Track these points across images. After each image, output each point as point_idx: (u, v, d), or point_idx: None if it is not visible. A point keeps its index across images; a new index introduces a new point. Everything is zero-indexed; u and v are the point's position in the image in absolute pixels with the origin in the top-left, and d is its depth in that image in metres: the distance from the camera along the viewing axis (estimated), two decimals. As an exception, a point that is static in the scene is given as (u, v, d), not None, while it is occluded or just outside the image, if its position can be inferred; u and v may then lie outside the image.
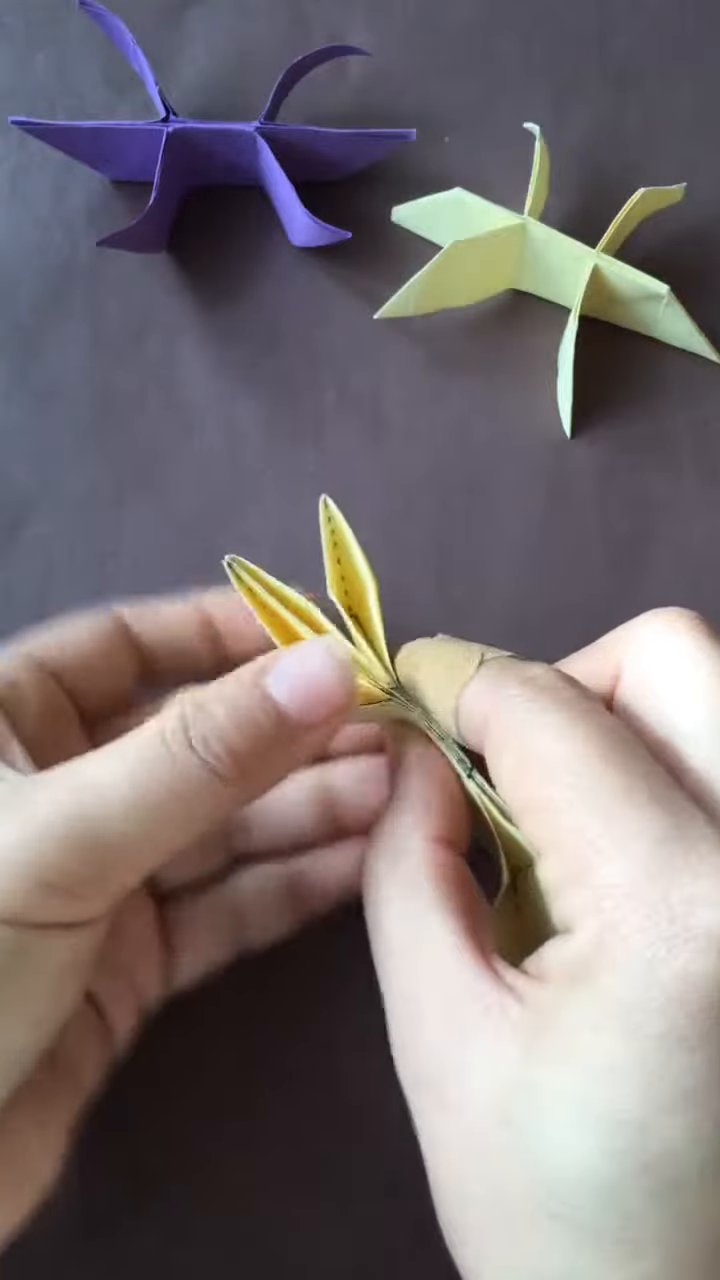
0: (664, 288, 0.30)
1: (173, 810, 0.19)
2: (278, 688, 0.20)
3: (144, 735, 0.19)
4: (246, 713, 0.20)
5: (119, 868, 0.19)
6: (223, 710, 0.20)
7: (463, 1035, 0.18)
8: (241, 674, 0.21)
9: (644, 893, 0.17)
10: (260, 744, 0.20)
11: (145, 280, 0.33)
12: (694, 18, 0.35)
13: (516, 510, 0.31)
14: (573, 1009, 0.17)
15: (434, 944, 0.19)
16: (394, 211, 0.33)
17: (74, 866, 0.18)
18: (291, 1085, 0.27)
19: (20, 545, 0.31)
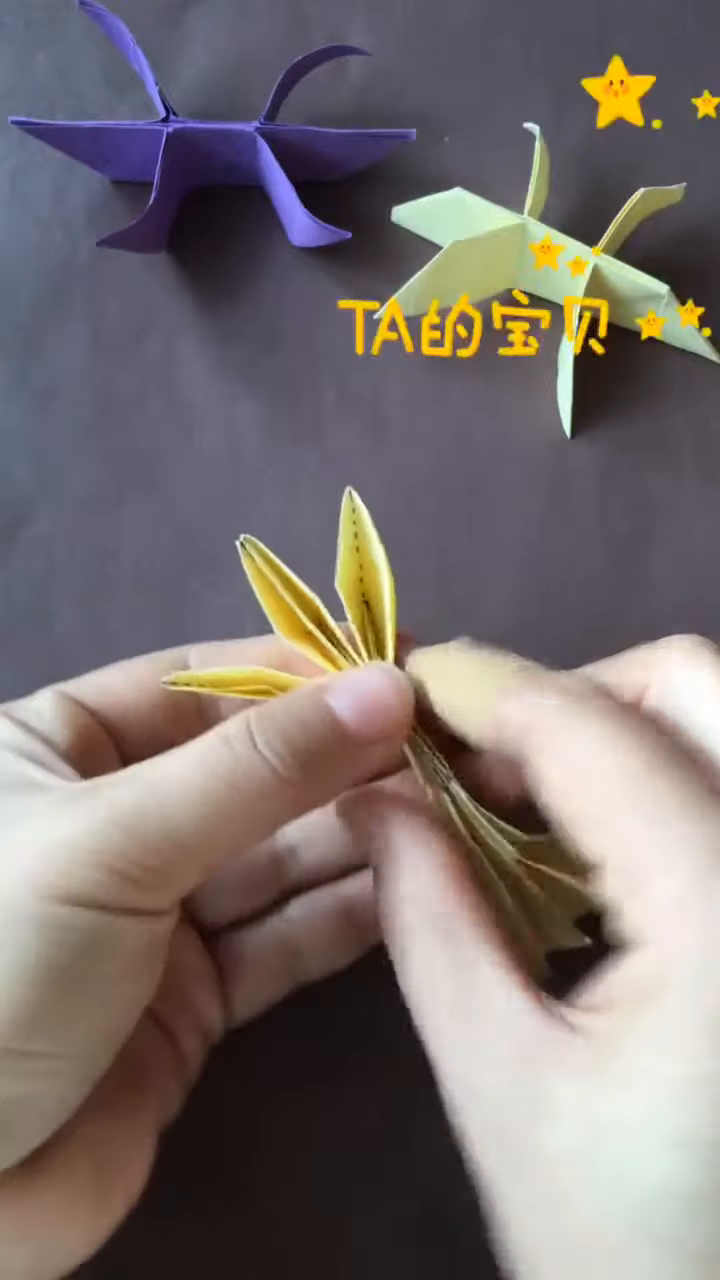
0: (664, 287, 0.30)
1: (234, 807, 0.20)
2: (338, 702, 0.21)
3: (207, 738, 0.20)
4: (308, 721, 0.21)
5: (183, 861, 0.19)
6: (285, 716, 0.21)
7: (534, 1085, 0.18)
8: (305, 691, 0.22)
9: (702, 906, 0.17)
10: (321, 750, 0.21)
11: (145, 280, 0.33)
12: (694, 18, 0.35)
13: (516, 510, 0.31)
14: (637, 1034, 0.17)
15: (491, 998, 0.19)
16: (394, 211, 0.33)
17: (140, 856, 0.19)
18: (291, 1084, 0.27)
19: (20, 545, 0.31)
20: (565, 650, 0.30)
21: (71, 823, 0.19)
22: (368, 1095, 0.27)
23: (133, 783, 0.20)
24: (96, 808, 0.19)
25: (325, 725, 0.21)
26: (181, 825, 0.19)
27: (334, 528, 0.31)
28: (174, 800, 0.19)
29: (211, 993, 0.24)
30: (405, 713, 0.22)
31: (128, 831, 0.19)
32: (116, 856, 0.19)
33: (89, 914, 0.18)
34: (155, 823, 0.19)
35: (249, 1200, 0.26)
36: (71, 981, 0.18)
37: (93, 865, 0.18)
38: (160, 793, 0.19)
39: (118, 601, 0.30)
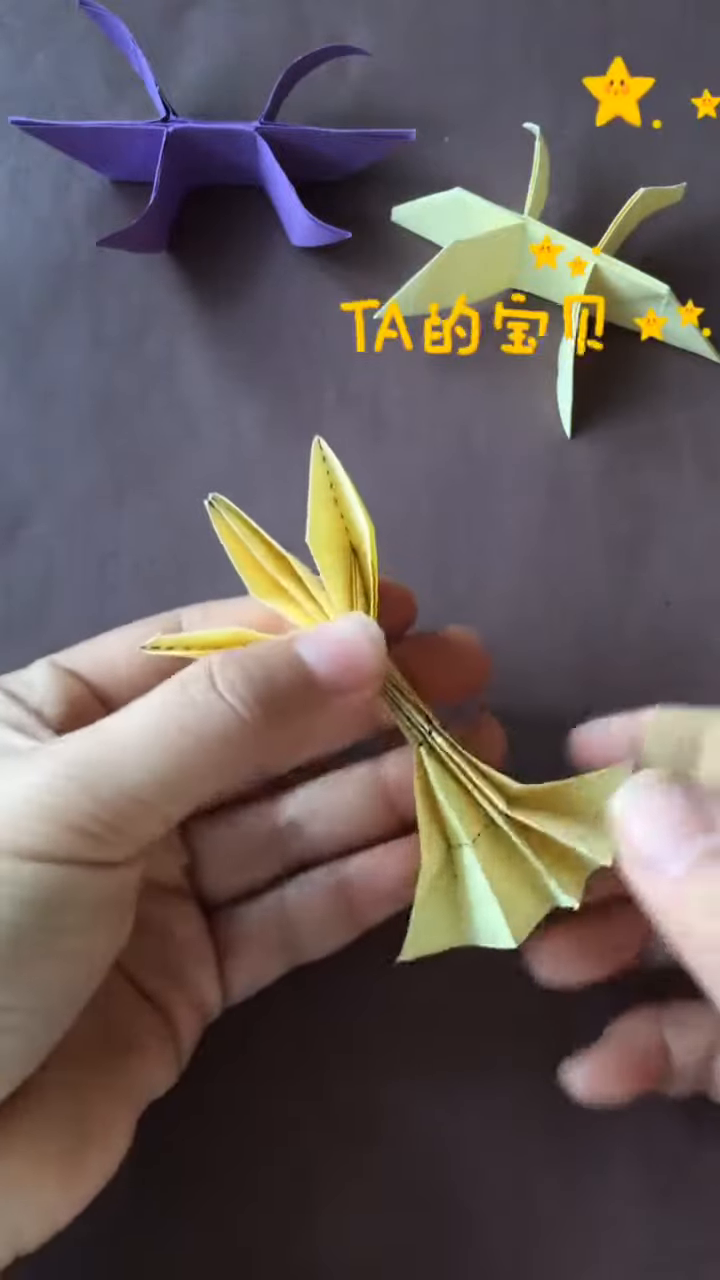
0: (664, 287, 0.30)
1: (193, 754, 0.19)
2: (307, 650, 0.21)
3: (165, 685, 0.20)
4: (275, 668, 0.20)
5: (139, 813, 0.19)
6: (250, 660, 0.20)
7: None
8: (275, 640, 0.22)
9: None
10: (286, 693, 0.20)
11: (145, 280, 0.33)
12: (694, 18, 0.35)
13: (516, 510, 0.31)
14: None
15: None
16: (394, 211, 0.33)
17: (94, 809, 0.19)
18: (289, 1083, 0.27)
19: (20, 545, 0.31)
20: (565, 650, 0.30)
21: (28, 778, 0.19)
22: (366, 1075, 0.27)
23: (90, 735, 0.19)
24: (52, 762, 0.19)
25: (292, 670, 0.21)
26: (134, 776, 0.19)
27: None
28: (128, 751, 0.19)
29: (208, 968, 0.24)
30: (376, 663, 0.21)
31: (80, 785, 0.19)
32: (70, 811, 0.18)
33: (46, 868, 0.18)
34: (107, 776, 0.19)
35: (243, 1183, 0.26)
36: (29, 936, 0.18)
37: (48, 820, 0.18)
38: (114, 743, 0.19)
39: (118, 601, 0.30)
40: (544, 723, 0.25)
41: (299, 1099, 0.27)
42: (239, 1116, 0.27)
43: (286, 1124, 0.27)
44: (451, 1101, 0.27)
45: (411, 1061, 0.27)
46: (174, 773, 0.19)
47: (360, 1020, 0.27)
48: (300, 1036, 0.27)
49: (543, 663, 0.30)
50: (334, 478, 0.23)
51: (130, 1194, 0.26)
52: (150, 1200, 0.26)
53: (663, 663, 0.30)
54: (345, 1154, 0.26)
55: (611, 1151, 0.26)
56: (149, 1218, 0.26)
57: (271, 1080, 0.27)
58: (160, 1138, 0.26)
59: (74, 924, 0.19)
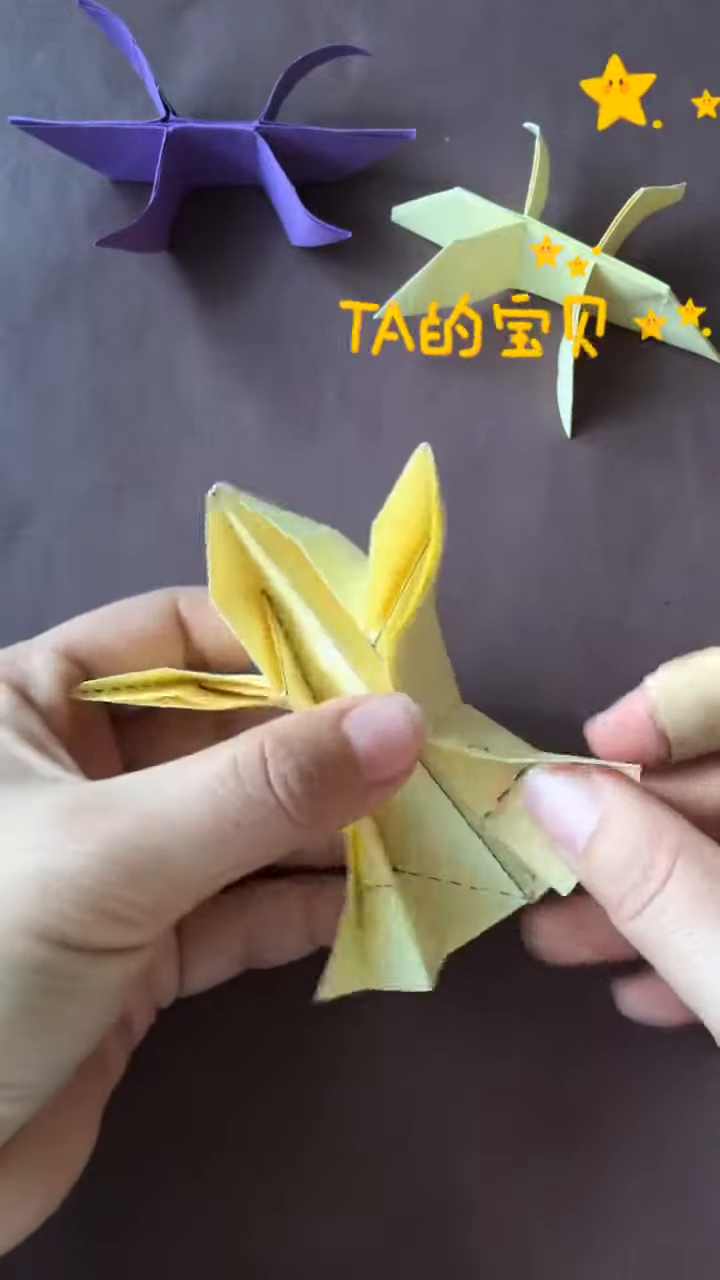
0: (664, 287, 0.30)
1: (238, 845, 0.19)
2: (358, 735, 0.20)
3: (217, 764, 0.19)
4: (328, 756, 0.20)
5: (177, 899, 0.19)
6: (304, 750, 0.19)
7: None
8: (322, 714, 0.20)
9: None
10: (338, 790, 0.20)
11: (145, 280, 0.33)
12: (694, 18, 0.35)
13: (516, 510, 0.31)
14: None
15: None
16: (394, 211, 0.33)
17: (135, 896, 0.18)
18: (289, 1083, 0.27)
19: (20, 545, 0.31)
20: (565, 650, 0.30)
21: (68, 855, 0.18)
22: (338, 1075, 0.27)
23: (133, 813, 0.18)
24: (94, 839, 0.18)
25: (346, 763, 0.20)
26: (183, 867, 0.18)
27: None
28: (179, 841, 0.18)
29: (170, 960, 0.24)
30: (415, 752, 0.21)
31: (124, 870, 0.18)
32: (111, 898, 0.18)
33: (76, 956, 0.18)
34: (155, 864, 0.18)
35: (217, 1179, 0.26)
36: (48, 1021, 0.18)
37: (86, 907, 0.18)
38: (165, 830, 0.18)
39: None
40: (544, 723, 0.25)
41: (297, 1097, 0.27)
42: (238, 1116, 0.27)
43: (285, 1124, 0.27)
44: (452, 1103, 0.27)
45: (411, 1059, 0.27)
46: (217, 863, 0.19)
47: (360, 1021, 0.27)
48: (301, 1038, 0.27)
49: (542, 663, 0.30)
50: (433, 493, 0.22)
51: (127, 1195, 0.26)
52: (146, 1200, 0.26)
53: (663, 663, 0.30)
54: (346, 1155, 0.26)
55: (613, 1151, 0.26)
56: (144, 1218, 0.26)
57: (272, 1081, 0.27)
58: (158, 1138, 0.26)
59: (91, 1010, 0.19)
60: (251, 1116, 0.27)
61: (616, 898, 0.21)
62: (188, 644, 0.24)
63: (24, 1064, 0.18)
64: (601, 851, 0.21)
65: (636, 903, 0.20)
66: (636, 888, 0.20)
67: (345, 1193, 0.26)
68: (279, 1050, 0.27)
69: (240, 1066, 0.27)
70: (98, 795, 0.19)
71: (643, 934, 0.20)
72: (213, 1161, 0.26)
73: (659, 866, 0.20)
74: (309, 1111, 0.27)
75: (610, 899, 0.21)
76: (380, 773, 0.20)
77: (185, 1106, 0.26)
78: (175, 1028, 0.25)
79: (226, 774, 0.19)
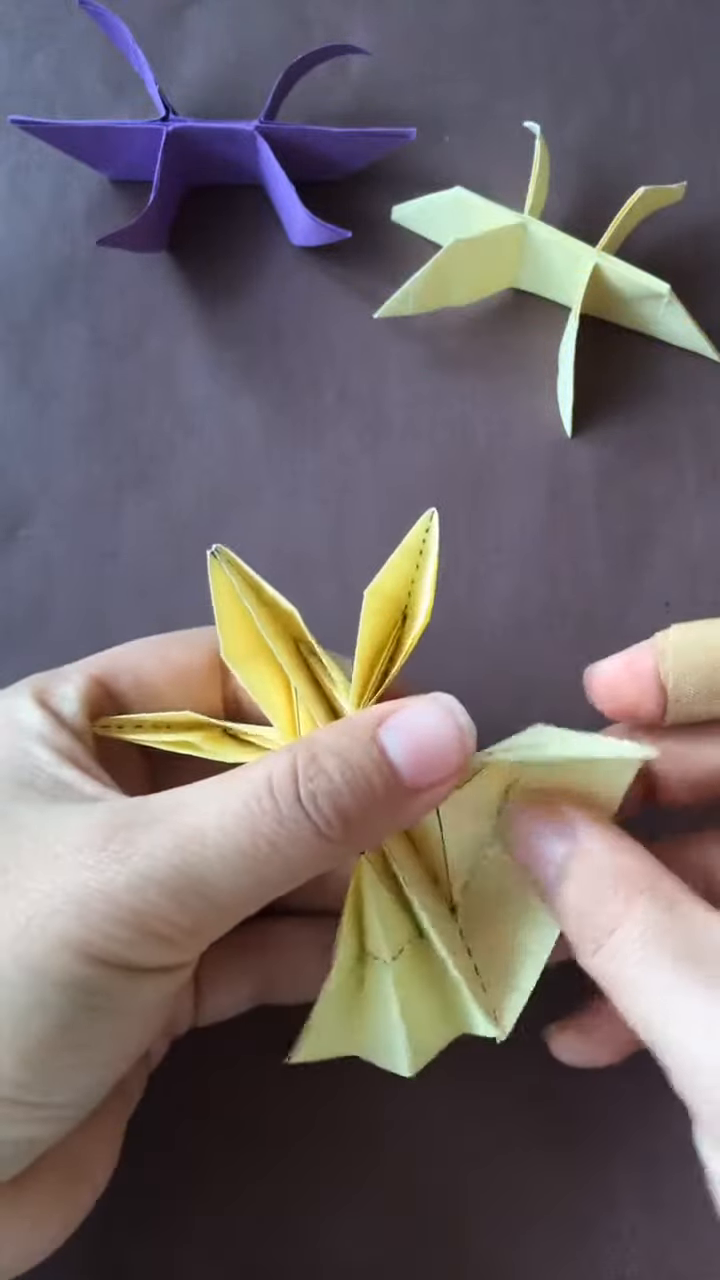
0: (664, 286, 0.30)
1: (274, 865, 0.19)
2: (394, 746, 0.19)
3: (252, 783, 0.19)
4: (360, 771, 0.19)
5: (215, 918, 0.19)
6: (336, 766, 0.19)
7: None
8: (358, 725, 0.20)
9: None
10: (371, 806, 0.19)
11: (145, 280, 0.33)
12: (694, 18, 0.35)
13: (516, 510, 0.31)
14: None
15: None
16: (394, 211, 0.33)
17: (175, 915, 0.18)
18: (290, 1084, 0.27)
19: (20, 545, 0.31)
20: (565, 650, 0.30)
21: (110, 874, 0.18)
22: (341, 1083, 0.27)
23: (172, 832, 0.18)
24: (135, 858, 0.18)
25: (380, 778, 0.19)
26: (220, 886, 0.18)
27: (333, 527, 0.31)
28: (213, 859, 0.18)
29: (187, 999, 0.24)
30: (463, 760, 0.20)
31: (165, 891, 0.18)
32: (152, 916, 0.18)
33: (116, 974, 0.18)
34: (195, 884, 0.18)
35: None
36: (88, 1040, 0.18)
37: (127, 925, 0.18)
38: (201, 852, 0.18)
39: (118, 601, 0.30)
40: (543, 723, 0.25)
41: (300, 1104, 0.27)
42: (241, 1121, 0.27)
43: (287, 1129, 0.27)
44: (452, 1104, 0.27)
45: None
46: (257, 885, 0.19)
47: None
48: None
49: (543, 663, 0.30)
50: (427, 549, 0.21)
51: (131, 1198, 0.26)
52: (152, 1204, 0.26)
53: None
54: (346, 1158, 0.26)
55: (612, 1155, 0.26)
56: (150, 1223, 0.26)
57: (274, 1087, 0.27)
58: (164, 1144, 0.26)
59: (129, 1029, 0.19)
60: (252, 1121, 0.27)
61: (579, 935, 0.20)
62: (224, 686, 0.24)
63: (61, 1085, 0.18)
64: (569, 889, 0.21)
65: (598, 938, 0.20)
66: (599, 925, 0.20)
67: (345, 1198, 0.26)
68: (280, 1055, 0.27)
69: (242, 1070, 0.27)
70: (137, 812, 0.19)
71: (602, 969, 0.20)
72: (215, 1165, 0.26)
73: (620, 903, 0.20)
74: (310, 1116, 0.27)
75: (574, 936, 0.21)
76: (421, 782, 0.20)
77: (187, 1112, 0.26)
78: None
79: (262, 792, 0.19)
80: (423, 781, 0.20)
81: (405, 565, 0.22)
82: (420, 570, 0.22)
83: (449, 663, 0.29)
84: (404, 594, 0.22)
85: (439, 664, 0.26)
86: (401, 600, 0.22)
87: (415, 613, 0.22)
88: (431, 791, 0.20)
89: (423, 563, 0.22)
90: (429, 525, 0.21)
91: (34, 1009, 0.17)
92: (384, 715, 0.20)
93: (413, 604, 0.22)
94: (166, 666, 0.24)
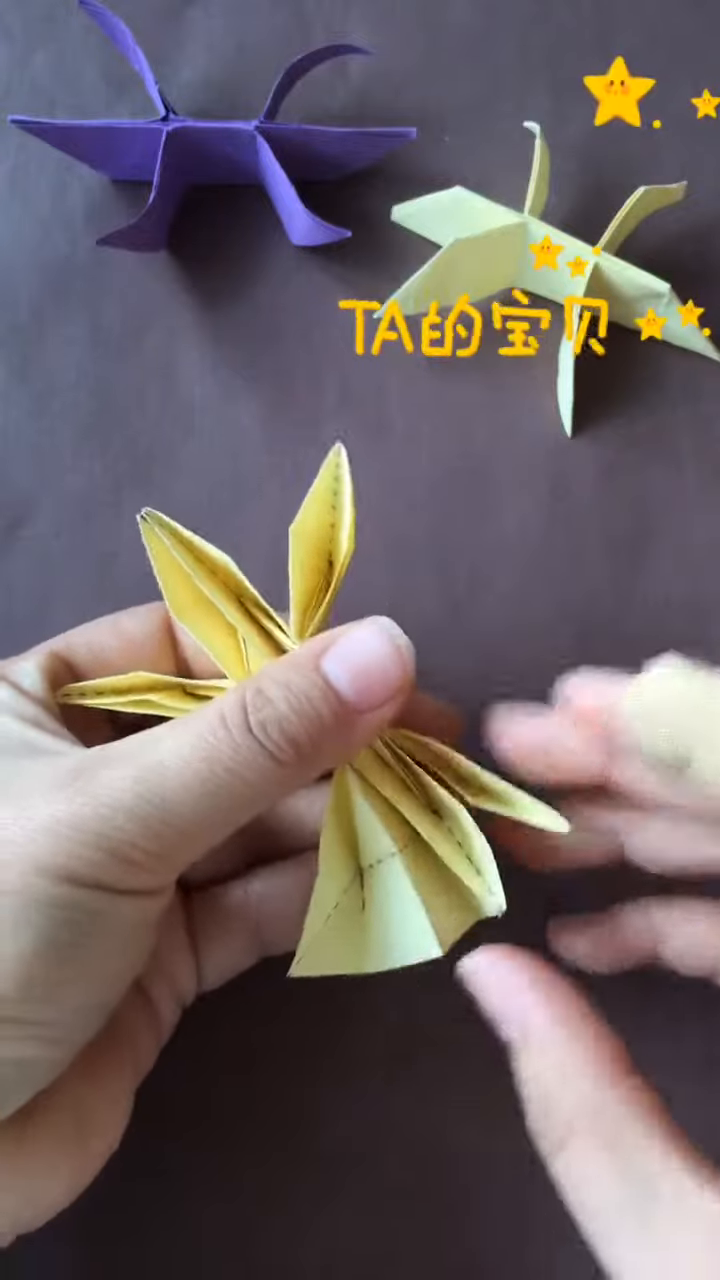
0: (665, 286, 0.30)
1: (233, 791, 0.20)
2: (337, 674, 0.21)
3: (205, 719, 0.20)
4: (305, 698, 0.20)
5: (182, 843, 0.20)
6: (281, 695, 0.20)
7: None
8: (300, 656, 0.21)
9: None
10: (318, 731, 0.20)
11: (145, 280, 0.33)
12: (694, 18, 0.35)
13: (517, 510, 0.31)
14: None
15: (681, 1206, 0.17)
16: (394, 211, 0.33)
17: (142, 841, 0.19)
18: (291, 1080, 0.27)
19: (20, 545, 0.31)
20: (565, 651, 0.30)
21: (77, 805, 0.19)
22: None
23: (133, 765, 0.20)
24: (100, 791, 0.19)
25: (325, 705, 0.20)
26: (181, 811, 0.19)
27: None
28: (174, 787, 0.19)
29: (185, 957, 0.25)
30: (406, 679, 0.21)
31: (130, 816, 0.19)
32: (119, 841, 0.19)
33: (92, 894, 0.19)
34: (157, 809, 0.19)
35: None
36: (71, 956, 0.19)
37: (96, 848, 0.19)
38: (164, 777, 0.19)
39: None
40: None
41: (298, 1100, 0.27)
42: (239, 1117, 0.27)
43: (286, 1126, 0.27)
44: (453, 1103, 0.27)
45: (412, 1062, 0.27)
46: (219, 810, 0.20)
47: (361, 1022, 0.27)
48: (301, 1039, 0.27)
49: (543, 663, 0.30)
50: (340, 487, 0.22)
51: (131, 1196, 0.26)
52: (152, 1202, 0.26)
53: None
54: (347, 1158, 0.26)
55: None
56: (149, 1219, 0.26)
57: (273, 1082, 0.27)
58: (163, 1140, 0.26)
59: (110, 947, 0.20)
60: (252, 1117, 0.27)
61: (539, 1124, 0.20)
62: (176, 653, 0.26)
63: (52, 1001, 0.19)
64: (529, 1082, 0.20)
65: (546, 1147, 0.19)
66: (544, 1135, 0.19)
67: (347, 1193, 0.26)
68: (281, 1052, 0.27)
69: (242, 1067, 0.27)
70: (99, 758, 0.20)
71: (561, 1174, 0.19)
72: (215, 1161, 0.26)
73: (557, 1131, 0.19)
74: (310, 1112, 0.27)
75: (535, 1121, 0.20)
76: (367, 704, 0.21)
77: (187, 1106, 0.26)
78: (179, 1028, 0.25)
79: (216, 725, 0.20)
80: (366, 702, 0.21)
81: (321, 506, 0.22)
82: (337, 511, 0.22)
83: (449, 663, 0.29)
84: (326, 535, 0.23)
85: (439, 664, 0.26)
86: (325, 542, 0.23)
87: (338, 552, 0.23)
88: (376, 712, 0.21)
89: (338, 502, 0.22)
90: (338, 462, 0.22)
91: (17, 927, 0.18)
92: (325, 644, 0.21)
93: (335, 544, 0.23)
94: (119, 638, 0.25)
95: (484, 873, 0.22)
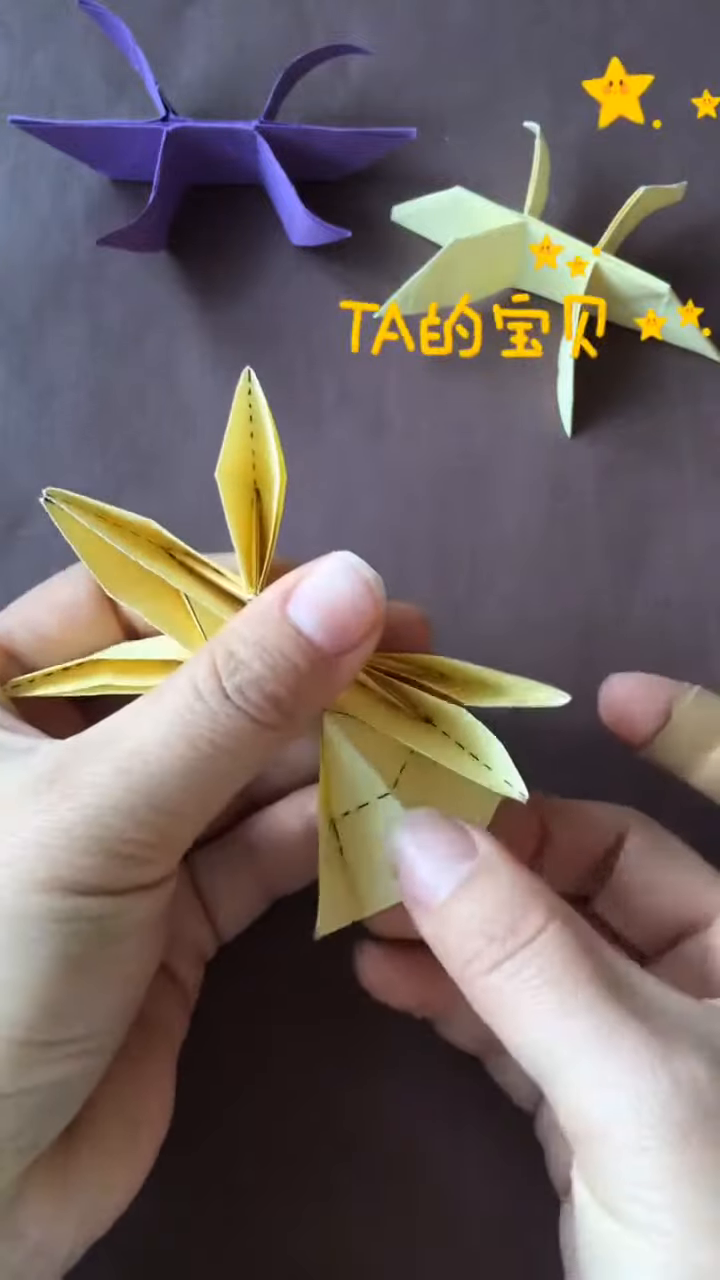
0: (665, 286, 0.30)
1: (219, 763, 0.19)
2: (306, 620, 0.19)
3: (178, 691, 0.19)
4: (279, 653, 0.19)
5: (177, 826, 0.19)
6: (254, 654, 0.19)
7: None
8: (264, 607, 0.20)
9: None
10: (297, 683, 0.19)
11: (145, 280, 0.33)
12: (694, 18, 0.35)
13: (517, 510, 0.31)
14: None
15: (613, 1040, 0.18)
16: (394, 211, 0.33)
17: (136, 834, 0.18)
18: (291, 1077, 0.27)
19: (20, 545, 0.31)
20: (565, 650, 0.30)
21: (61, 811, 0.18)
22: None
23: (111, 756, 0.19)
24: (81, 790, 0.18)
25: (300, 655, 0.19)
26: (170, 795, 0.18)
27: (333, 526, 0.31)
28: (158, 772, 0.18)
29: (199, 917, 0.24)
30: (379, 612, 0.20)
31: (117, 811, 0.18)
32: (112, 839, 0.18)
33: (95, 900, 0.18)
34: (143, 797, 0.18)
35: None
36: (89, 966, 0.18)
37: (89, 852, 0.18)
38: (144, 766, 0.18)
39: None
40: (542, 723, 0.25)
41: (302, 1103, 0.27)
42: (240, 1115, 0.27)
43: (287, 1123, 0.27)
44: (453, 1103, 0.27)
45: (411, 1062, 0.27)
46: (209, 785, 0.19)
47: (361, 1022, 0.27)
48: (300, 1038, 0.27)
49: (543, 663, 0.30)
50: (255, 411, 0.21)
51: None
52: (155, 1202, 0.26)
53: (663, 663, 0.30)
54: (346, 1158, 0.26)
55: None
56: (153, 1219, 0.26)
57: (274, 1079, 0.27)
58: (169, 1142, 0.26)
59: (126, 948, 0.19)
60: (253, 1115, 0.27)
61: (470, 952, 0.19)
62: (119, 614, 0.24)
63: (80, 1016, 0.19)
64: (463, 904, 0.19)
65: (496, 955, 0.19)
66: (497, 941, 0.19)
67: (344, 1197, 0.26)
68: (281, 1049, 0.27)
69: (243, 1064, 0.27)
70: (74, 752, 0.19)
71: (497, 989, 0.19)
72: (214, 1160, 0.26)
73: (531, 922, 0.19)
74: (311, 1110, 0.27)
75: (462, 953, 0.19)
76: (342, 645, 0.20)
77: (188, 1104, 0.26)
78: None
79: (190, 698, 0.19)
80: (341, 644, 0.20)
81: (240, 438, 0.21)
82: (258, 439, 0.21)
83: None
84: (250, 468, 0.22)
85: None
86: (250, 476, 0.22)
87: (268, 482, 0.21)
88: (355, 652, 0.20)
89: (257, 430, 0.21)
90: (249, 388, 0.21)
91: (28, 949, 0.18)
92: (288, 590, 0.20)
93: (262, 475, 0.22)
94: (55, 611, 0.24)
95: (495, 767, 0.21)
